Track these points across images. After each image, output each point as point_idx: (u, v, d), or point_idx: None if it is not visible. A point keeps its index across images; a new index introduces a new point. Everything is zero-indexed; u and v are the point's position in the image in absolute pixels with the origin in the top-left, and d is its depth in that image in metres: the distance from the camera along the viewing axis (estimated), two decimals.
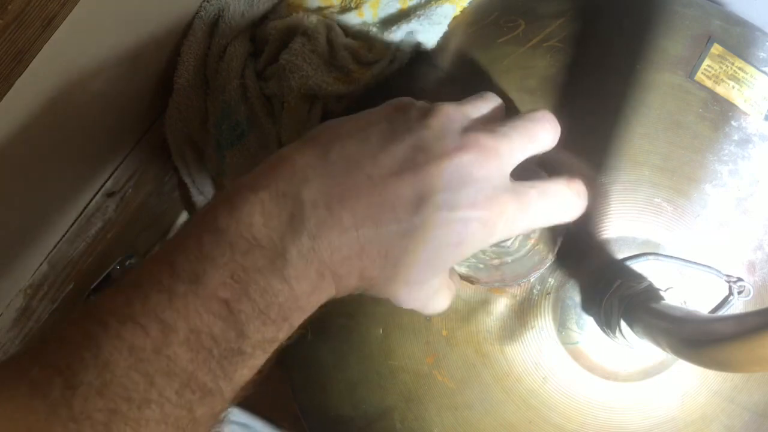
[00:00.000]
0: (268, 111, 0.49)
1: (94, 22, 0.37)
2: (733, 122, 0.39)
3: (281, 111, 0.47)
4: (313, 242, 0.25)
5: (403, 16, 0.46)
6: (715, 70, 0.40)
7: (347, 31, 0.47)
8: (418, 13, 0.45)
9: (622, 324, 0.35)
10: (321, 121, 0.47)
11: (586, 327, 0.38)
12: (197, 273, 0.22)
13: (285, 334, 0.25)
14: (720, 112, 0.39)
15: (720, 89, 0.40)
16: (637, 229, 0.38)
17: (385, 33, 0.45)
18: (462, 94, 0.32)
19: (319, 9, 0.48)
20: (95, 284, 0.58)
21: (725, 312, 0.38)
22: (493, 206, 0.28)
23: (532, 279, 0.38)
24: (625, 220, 0.38)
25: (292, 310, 0.24)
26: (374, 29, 0.46)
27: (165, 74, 0.51)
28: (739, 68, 0.40)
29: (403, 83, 0.45)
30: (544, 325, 0.38)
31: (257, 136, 0.49)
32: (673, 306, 0.34)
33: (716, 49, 0.40)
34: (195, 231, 0.24)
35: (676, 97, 0.39)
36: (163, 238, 0.67)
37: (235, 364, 0.23)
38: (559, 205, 0.32)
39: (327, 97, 0.46)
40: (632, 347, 0.35)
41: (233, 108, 0.49)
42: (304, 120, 0.47)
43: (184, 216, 0.68)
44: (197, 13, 0.50)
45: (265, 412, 0.66)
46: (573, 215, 0.33)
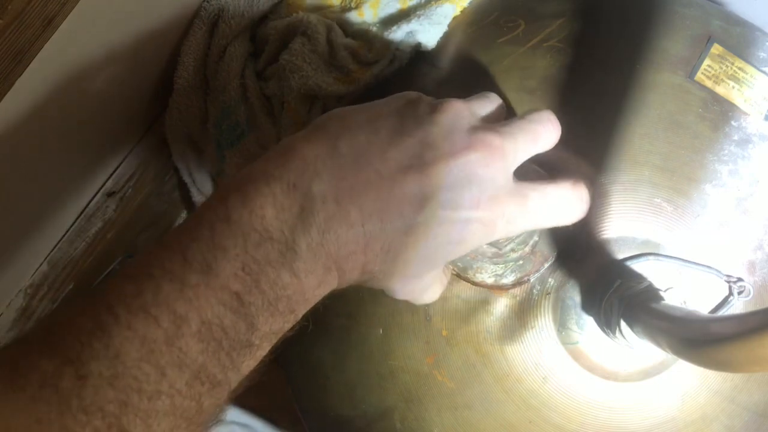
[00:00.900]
0: (268, 111, 0.49)
1: (94, 22, 0.37)
2: (733, 122, 0.39)
3: (281, 111, 0.47)
4: (322, 237, 0.25)
5: (403, 16, 0.46)
6: (715, 70, 0.40)
7: (347, 31, 0.47)
8: (418, 13, 0.45)
9: (622, 324, 0.35)
10: None
11: (586, 327, 0.38)
12: (209, 263, 0.22)
13: (290, 326, 0.25)
14: (720, 112, 0.39)
15: (720, 89, 0.40)
16: (637, 229, 0.38)
17: (385, 33, 0.45)
18: (462, 95, 0.32)
19: (319, 9, 0.48)
20: (95, 284, 0.58)
21: (725, 312, 0.38)
22: (495, 207, 0.29)
23: (531, 280, 0.38)
24: (625, 220, 0.38)
25: (299, 302, 0.25)
26: (374, 29, 0.46)
27: (165, 74, 0.51)
28: (739, 68, 0.40)
29: (403, 83, 0.45)
30: (544, 325, 0.38)
31: (257, 136, 0.49)
32: (673, 306, 0.34)
33: (716, 49, 0.40)
34: (207, 220, 0.24)
35: (676, 97, 0.39)
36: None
37: (243, 356, 0.23)
38: (561, 207, 0.32)
39: (327, 98, 0.46)
40: (632, 347, 0.35)
41: (233, 108, 0.49)
42: (304, 120, 0.47)
43: (184, 216, 0.68)
44: (197, 13, 0.50)
45: (265, 412, 0.66)
46: (574, 218, 0.33)
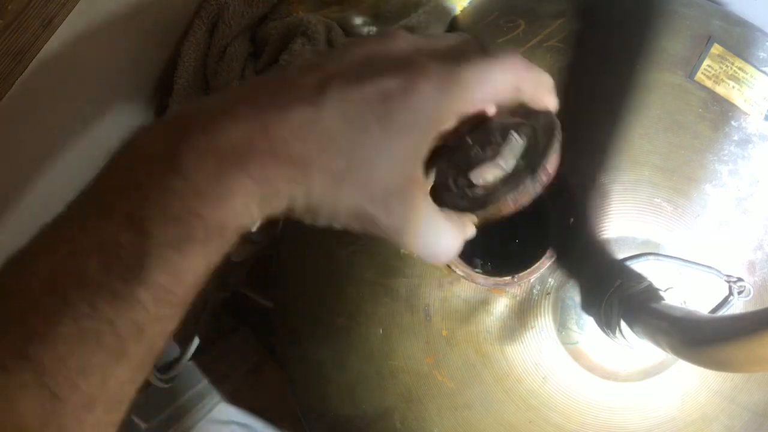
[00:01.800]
0: None
1: (94, 22, 0.37)
2: (733, 122, 0.39)
3: None
4: (205, 135, 0.24)
5: (403, 15, 0.46)
6: (715, 70, 0.40)
7: (347, 30, 0.47)
8: (418, 12, 0.45)
9: (622, 324, 0.35)
10: None
11: (586, 327, 0.38)
12: (103, 194, 0.24)
13: (207, 235, 0.24)
14: (720, 112, 0.39)
15: (720, 89, 0.40)
16: (637, 229, 0.38)
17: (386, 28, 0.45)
18: None
19: (320, 9, 0.48)
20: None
21: (725, 312, 0.38)
22: (410, 67, 0.26)
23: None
24: (625, 220, 0.38)
25: (199, 205, 0.23)
26: (374, 29, 0.46)
27: (165, 74, 0.51)
28: (739, 68, 0.40)
29: None
30: (544, 325, 0.38)
31: None
32: (673, 306, 0.34)
33: (716, 49, 0.40)
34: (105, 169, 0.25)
35: (676, 97, 0.39)
36: None
37: (147, 267, 0.22)
38: (504, 71, 0.27)
39: None
40: (632, 347, 0.35)
41: None
42: None
43: None
44: (197, 13, 0.50)
45: (265, 412, 0.66)
46: (537, 86, 0.29)
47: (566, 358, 0.38)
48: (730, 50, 0.40)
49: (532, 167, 0.29)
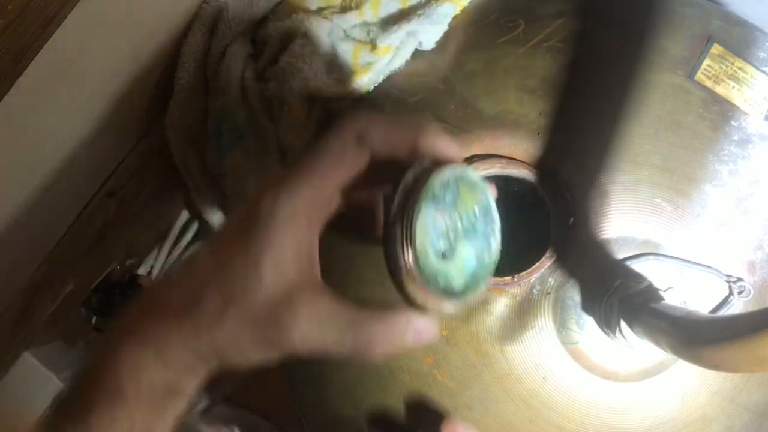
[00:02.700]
0: (268, 113, 0.49)
1: (94, 22, 0.37)
2: (733, 122, 0.39)
3: (281, 113, 0.47)
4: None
5: (403, 15, 0.46)
6: (715, 70, 0.40)
7: (348, 31, 0.47)
8: (418, 12, 0.45)
9: (622, 324, 0.35)
10: (320, 122, 0.47)
11: (586, 327, 0.38)
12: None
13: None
14: (720, 112, 0.39)
15: (720, 89, 0.40)
16: (637, 229, 0.38)
17: (386, 33, 0.45)
18: (459, 95, 0.32)
19: (320, 9, 0.48)
20: (95, 284, 0.58)
21: (725, 312, 0.38)
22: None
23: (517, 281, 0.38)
24: (625, 220, 0.38)
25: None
26: (374, 29, 0.46)
27: (165, 74, 0.51)
28: (739, 68, 0.40)
29: (403, 82, 0.45)
30: (544, 325, 0.38)
31: (257, 137, 0.49)
32: (673, 306, 0.34)
33: (716, 49, 0.40)
34: None
35: (676, 97, 0.39)
36: (162, 238, 0.67)
37: None
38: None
39: (327, 99, 0.46)
40: (632, 347, 0.35)
41: (233, 110, 0.49)
42: (304, 122, 0.47)
43: (184, 216, 0.67)
44: (196, 14, 0.50)
45: (266, 412, 0.66)
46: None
47: (566, 358, 0.38)
48: (730, 50, 0.40)
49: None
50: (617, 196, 0.38)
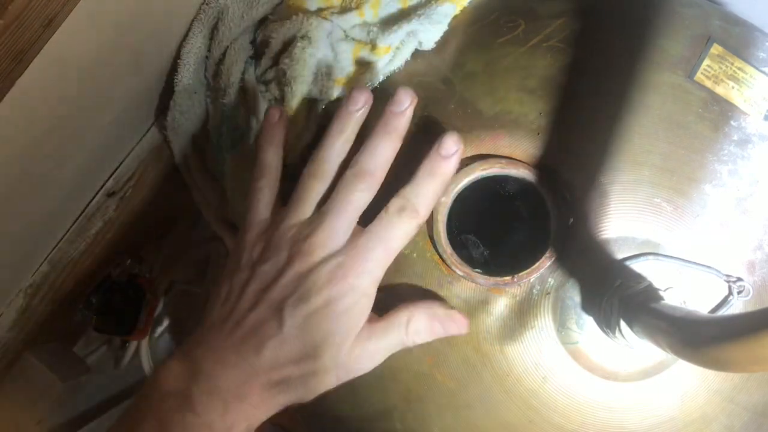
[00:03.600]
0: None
1: (95, 22, 0.37)
2: (732, 122, 0.39)
3: None
4: (209, 381, 0.32)
5: (403, 15, 0.46)
6: (715, 70, 0.40)
7: (347, 32, 0.47)
8: (418, 12, 0.45)
9: (622, 324, 0.35)
10: (321, 126, 0.47)
11: (586, 327, 0.38)
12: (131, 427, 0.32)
13: None
14: (720, 112, 0.39)
15: (720, 89, 0.40)
16: (637, 229, 0.38)
17: (386, 33, 0.45)
18: (459, 95, 0.32)
19: (320, 10, 0.48)
20: (95, 284, 0.58)
21: (725, 312, 0.38)
22: (344, 271, 0.34)
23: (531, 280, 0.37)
24: (625, 220, 0.38)
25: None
26: (375, 29, 0.46)
27: (165, 75, 0.51)
28: (739, 68, 0.40)
29: (403, 82, 0.45)
30: (544, 325, 0.38)
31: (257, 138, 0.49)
32: (673, 306, 0.34)
33: (716, 49, 0.40)
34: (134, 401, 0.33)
35: (676, 97, 0.39)
36: (163, 238, 0.67)
37: None
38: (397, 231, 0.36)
39: (327, 100, 0.46)
40: (632, 347, 0.36)
41: (233, 111, 0.49)
42: (304, 124, 0.47)
43: (184, 216, 0.68)
44: (196, 15, 0.50)
45: None
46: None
47: (566, 358, 0.38)
48: (730, 50, 0.40)
49: None
50: (617, 196, 0.38)
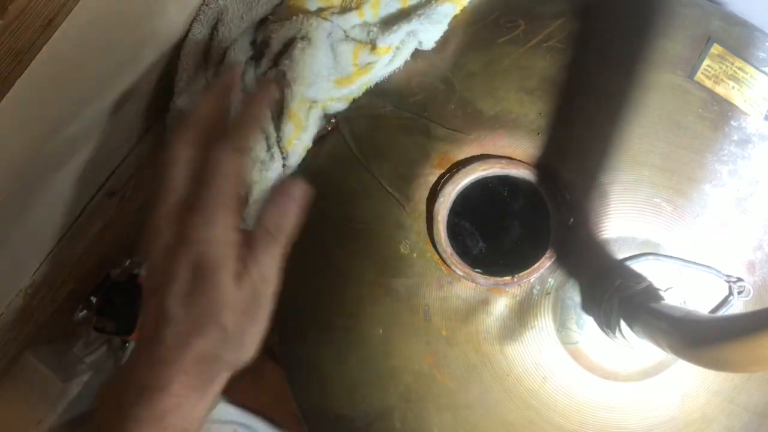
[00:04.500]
0: (269, 116, 0.49)
1: (94, 23, 0.37)
2: (732, 122, 0.39)
3: (281, 115, 0.47)
4: (143, 408, 0.32)
5: (403, 15, 0.46)
6: (715, 70, 0.40)
7: (347, 31, 0.47)
8: (418, 12, 0.44)
9: (622, 324, 0.35)
10: (320, 128, 0.47)
11: (586, 327, 0.38)
12: None
13: None
14: (720, 112, 0.39)
15: (720, 89, 0.40)
16: (637, 229, 0.38)
17: (386, 33, 0.45)
18: (459, 95, 0.32)
19: (320, 10, 0.48)
20: (95, 284, 0.58)
21: (725, 312, 0.38)
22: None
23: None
24: (625, 220, 0.38)
25: None
26: (375, 29, 0.46)
27: (166, 75, 0.51)
28: (739, 68, 0.40)
29: (403, 82, 0.45)
30: (544, 325, 0.38)
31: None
32: (673, 306, 0.34)
33: (716, 49, 0.40)
34: None
35: (676, 97, 0.39)
36: None
37: None
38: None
39: (327, 100, 0.46)
40: (632, 347, 0.35)
41: (233, 112, 0.49)
42: (305, 124, 0.47)
43: None
44: (196, 16, 0.50)
45: (265, 412, 0.66)
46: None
47: (566, 358, 0.38)
48: (730, 50, 0.40)
49: None
50: (617, 196, 0.38)
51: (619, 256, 0.38)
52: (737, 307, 0.38)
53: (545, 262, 0.38)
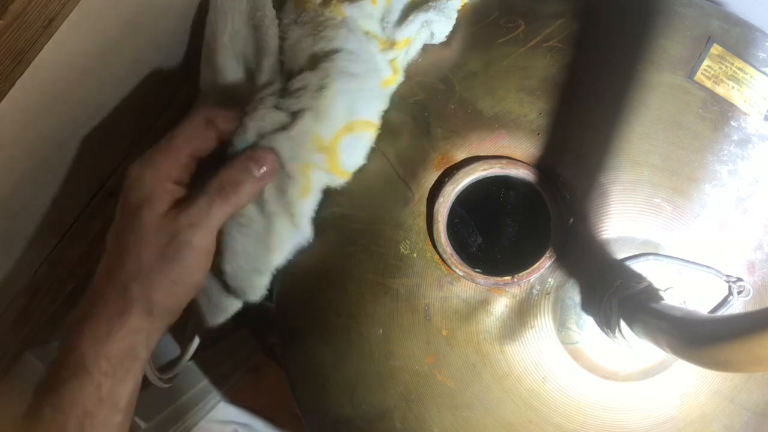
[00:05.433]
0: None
1: (95, 22, 0.37)
2: (732, 122, 0.39)
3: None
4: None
5: (414, 6, 0.45)
6: (715, 71, 0.40)
7: (364, 26, 0.45)
8: (430, 3, 0.44)
9: (622, 324, 0.35)
10: None
11: (586, 327, 0.38)
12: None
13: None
14: (719, 113, 0.39)
15: (720, 89, 0.40)
16: (637, 229, 0.38)
17: (401, 25, 0.44)
18: (459, 95, 0.32)
19: (329, 1, 0.47)
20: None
21: (725, 312, 0.38)
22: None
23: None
24: (625, 220, 0.38)
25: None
26: (388, 26, 0.45)
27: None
28: (739, 68, 0.40)
29: (403, 82, 0.45)
30: (544, 325, 0.38)
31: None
32: (673, 306, 0.34)
33: (716, 49, 0.40)
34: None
35: (676, 97, 0.39)
36: None
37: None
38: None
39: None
40: (632, 347, 0.36)
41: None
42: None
43: None
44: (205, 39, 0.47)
45: (265, 412, 0.66)
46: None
47: (566, 358, 0.38)
48: (730, 50, 0.40)
49: None
50: (617, 196, 0.38)
51: (619, 256, 0.38)
52: (737, 307, 0.38)
53: (545, 262, 0.38)
